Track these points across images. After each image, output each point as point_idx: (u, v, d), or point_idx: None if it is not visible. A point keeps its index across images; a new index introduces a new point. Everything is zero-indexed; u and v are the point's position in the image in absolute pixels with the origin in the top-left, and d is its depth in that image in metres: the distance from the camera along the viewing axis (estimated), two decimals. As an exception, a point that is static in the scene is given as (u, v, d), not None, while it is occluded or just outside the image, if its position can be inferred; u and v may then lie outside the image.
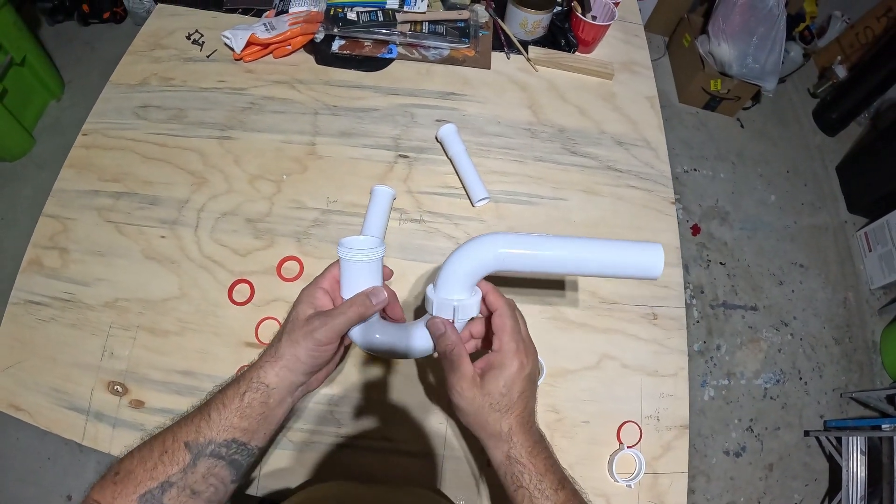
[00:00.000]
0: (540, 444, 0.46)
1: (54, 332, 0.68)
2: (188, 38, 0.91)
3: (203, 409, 0.44)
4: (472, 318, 0.50)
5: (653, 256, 0.47)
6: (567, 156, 0.84)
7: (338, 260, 0.49)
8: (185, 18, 0.93)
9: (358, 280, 0.49)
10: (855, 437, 1.53)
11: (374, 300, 0.48)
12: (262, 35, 0.85)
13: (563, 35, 0.94)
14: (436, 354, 0.50)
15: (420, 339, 0.50)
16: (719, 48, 2.03)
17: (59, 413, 0.64)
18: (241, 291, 0.70)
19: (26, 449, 1.43)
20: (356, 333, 0.50)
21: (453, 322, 0.48)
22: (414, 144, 0.82)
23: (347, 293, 0.49)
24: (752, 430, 1.70)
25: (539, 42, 0.95)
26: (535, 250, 0.47)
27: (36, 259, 0.72)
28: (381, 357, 0.65)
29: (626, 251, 0.47)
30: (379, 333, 0.50)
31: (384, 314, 0.54)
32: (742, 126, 2.31)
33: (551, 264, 0.48)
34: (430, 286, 0.51)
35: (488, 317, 0.50)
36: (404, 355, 0.52)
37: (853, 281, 2.00)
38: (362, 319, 0.48)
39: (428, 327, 0.49)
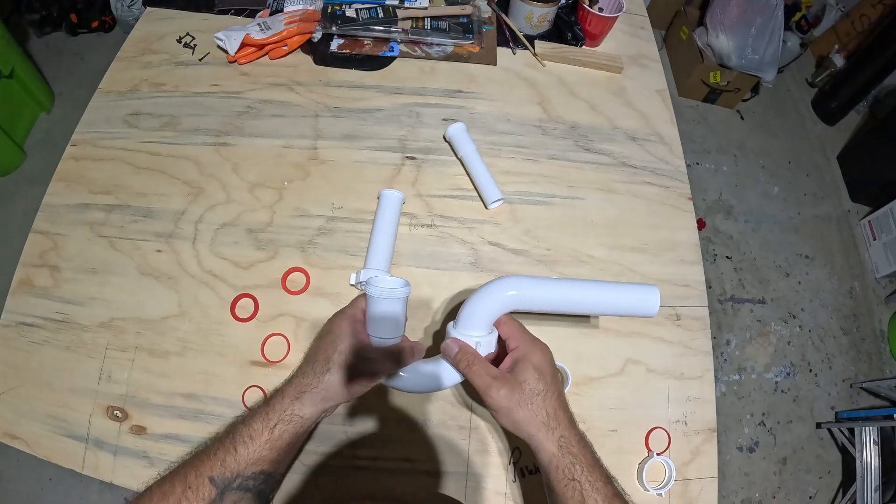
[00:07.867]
0: (585, 436, 0.48)
1: (48, 356, 0.64)
2: (179, 41, 0.87)
3: (226, 443, 0.44)
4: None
5: (650, 298, 0.52)
6: (581, 153, 0.81)
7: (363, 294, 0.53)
8: (176, 22, 0.89)
9: (384, 318, 0.51)
10: (867, 428, 1.51)
11: (409, 359, 0.52)
12: (257, 36, 0.81)
13: (570, 28, 0.91)
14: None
15: (448, 373, 0.52)
16: (718, 40, 2.01)
17: (56, 441, 0.60)
18: (245, 307, 0.66)
19: (27, 470, 1.38)
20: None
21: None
22: (421, 145, 0.79)
23: (374, 329, 0.52)
24: (764, 424, 1.67)
25: (545, 36, 0.92)
26: (548, 293, 0.52)
27: (26, 279, 0.68)
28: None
29: (625, 294, 0.53)
30: (406, 373, 0.53)
31: None
32: (742, 118, 2.28)
33: (562, 305, 0.53)
34: (451, 324, 0.54)
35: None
36: (435, 389, 0.55)
37: (858, 270, 1.98)
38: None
39: (442, 350, 0.52)
